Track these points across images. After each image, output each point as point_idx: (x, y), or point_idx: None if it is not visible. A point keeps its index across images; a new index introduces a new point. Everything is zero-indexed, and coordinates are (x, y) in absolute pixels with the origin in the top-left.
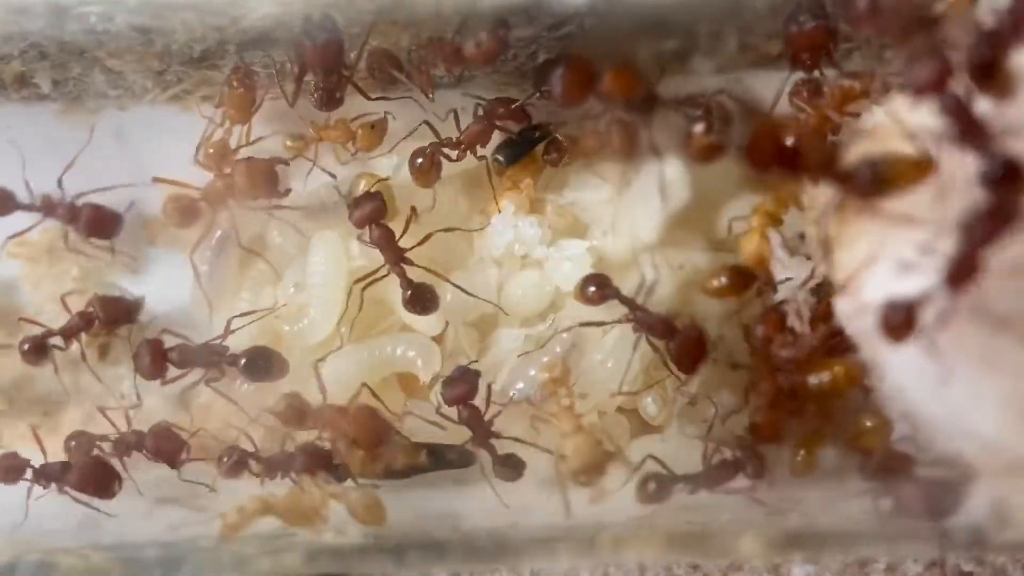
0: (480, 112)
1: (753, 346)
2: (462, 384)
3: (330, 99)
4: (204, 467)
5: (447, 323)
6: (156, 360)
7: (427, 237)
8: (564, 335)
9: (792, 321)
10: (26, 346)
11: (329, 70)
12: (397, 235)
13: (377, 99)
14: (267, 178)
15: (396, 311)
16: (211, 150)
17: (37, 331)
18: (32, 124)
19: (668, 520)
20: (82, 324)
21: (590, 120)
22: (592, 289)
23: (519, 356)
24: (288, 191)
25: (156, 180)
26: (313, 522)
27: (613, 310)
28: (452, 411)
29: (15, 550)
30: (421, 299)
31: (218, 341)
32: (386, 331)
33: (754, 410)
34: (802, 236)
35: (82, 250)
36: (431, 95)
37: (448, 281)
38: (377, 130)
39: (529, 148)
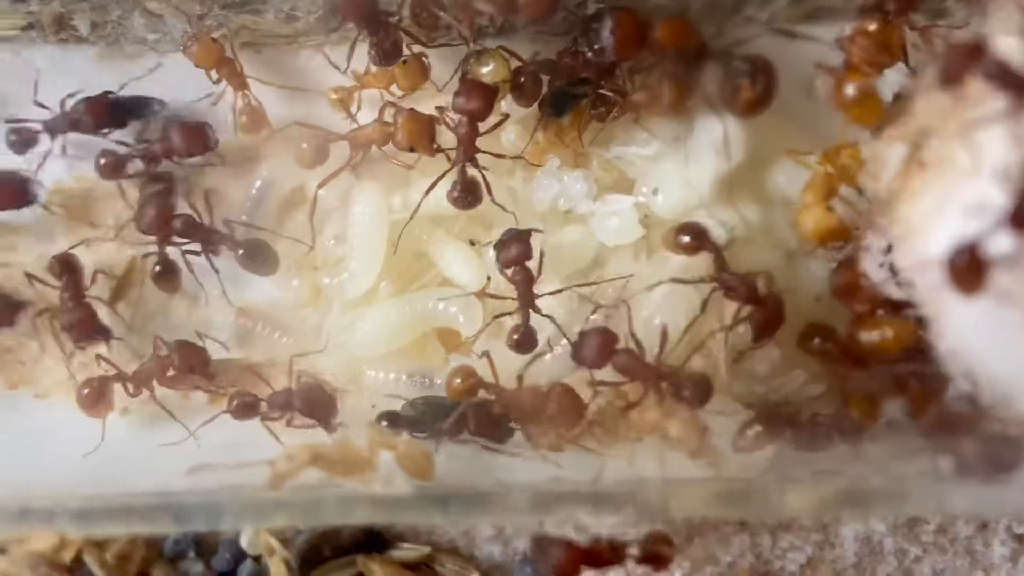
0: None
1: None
2: (517, 244)
3: (384, 53)
4: None
5: (488, 278)
6: (160, 220)
7: (494, 126)
8: (609, 291)
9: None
10: None
11: (371, 21)
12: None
13: (436, 47)
14: (429, 134)
15: (436, 266)
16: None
17: None
18: (69, 68)
19: (711, 476)
20: None
21: (639, 73)
22: (686, 238)
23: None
24: (439, 149)
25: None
26: (362, 473)
27: (662, 268)
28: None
29: (57, 496)
30: (470, 192)
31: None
32: (426, 286)
33: None
34: (861, 191)
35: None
36: (471, 44)
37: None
38: (412, 67)
39: (576, 101)
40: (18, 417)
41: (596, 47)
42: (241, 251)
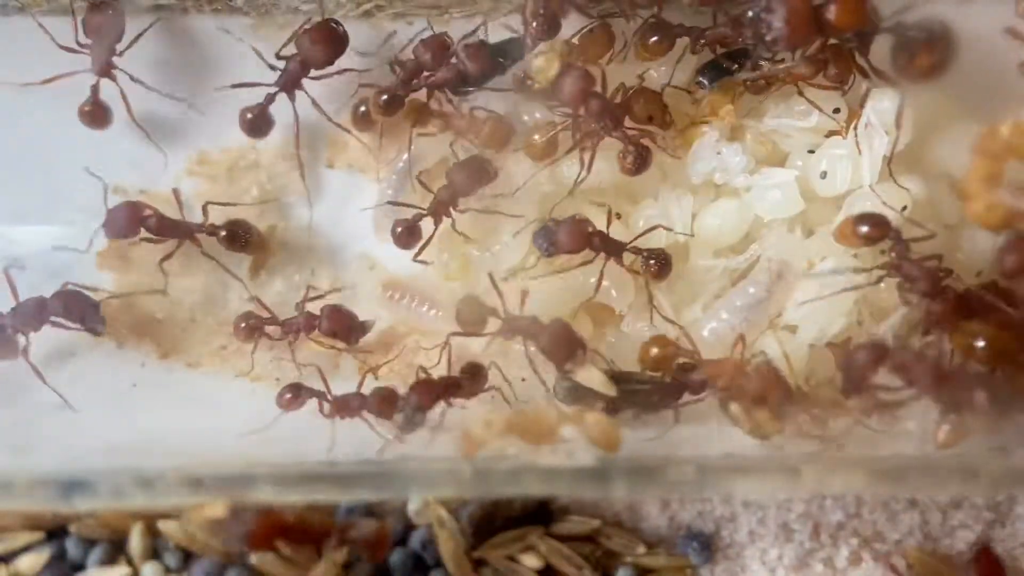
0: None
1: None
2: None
3: (550, 25)
4: None
5: None
6: (131, 222)
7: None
8: (769, 265)
9: None
10: None
11: None
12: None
13: (603, 18)
14: (662, 107)
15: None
16: None
17: None
18: (223, 39)
19: (871, 452)
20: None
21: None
22: (866, 228)
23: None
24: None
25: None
26: (549, 442)
27: (823, 243)
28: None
29: (246, 461)
30: (643, 160)
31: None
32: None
33: None
34: None
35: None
36: (630, 18)
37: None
38: (598, 36)
39: (733, 72)
40: (183, 386)
41: (767, 38)
42: (223, 233)
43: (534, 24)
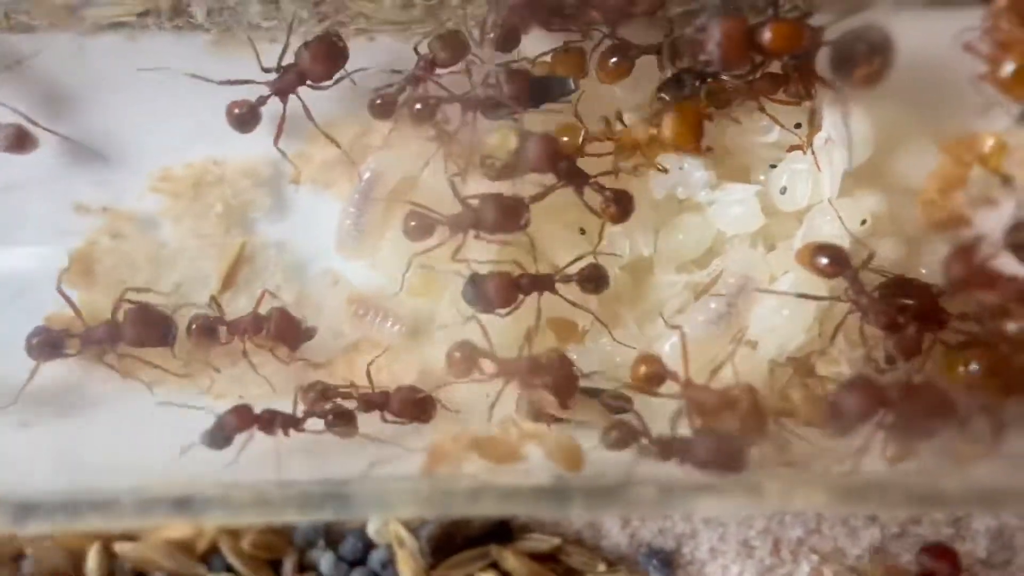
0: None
1: None
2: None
3: (508, 38)
4: None
5: None
6: None
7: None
8: (731, 280)
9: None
10: None
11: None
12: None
13: (560, 30)
14: (697, 132)
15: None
16: None
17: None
18: (183, 55)
19: (833, 469)
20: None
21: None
22: (825, 261)
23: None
24: (708, 149)
25: None
26: (512, 462)
27: (785, 257)
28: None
29: (193, 485)
30: (626, 208)
31: None
32: None
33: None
34: (1006, 179)
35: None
36: (586, 36)
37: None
38: (572, 58)
39: (689, 89)
40: (142, 405)
41: (701, 58)
42: None
43: (491, 37)
